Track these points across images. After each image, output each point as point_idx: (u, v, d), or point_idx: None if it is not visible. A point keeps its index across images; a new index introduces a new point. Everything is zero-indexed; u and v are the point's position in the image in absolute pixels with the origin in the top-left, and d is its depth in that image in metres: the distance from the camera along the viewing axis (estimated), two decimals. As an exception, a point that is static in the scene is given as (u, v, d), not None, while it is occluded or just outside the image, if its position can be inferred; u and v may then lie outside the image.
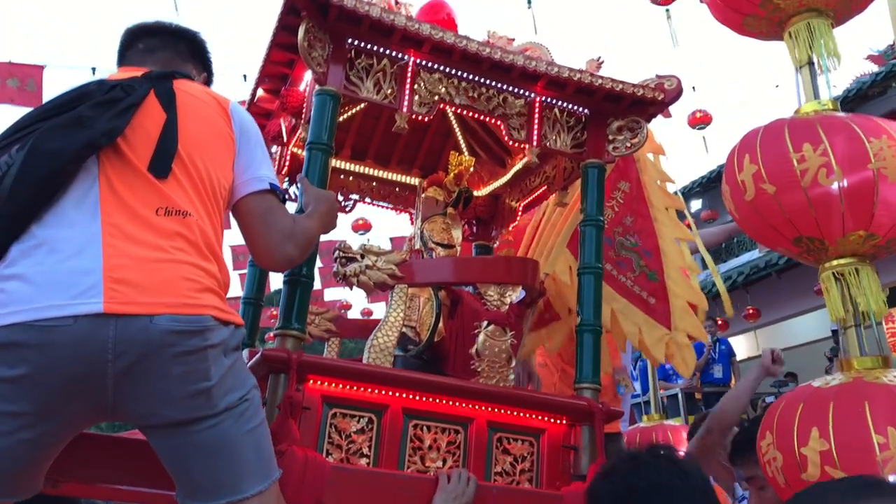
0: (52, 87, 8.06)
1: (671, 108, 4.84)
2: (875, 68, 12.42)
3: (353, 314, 13.83)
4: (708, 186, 14.32)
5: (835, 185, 2.53)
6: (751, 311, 11.27)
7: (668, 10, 7.70)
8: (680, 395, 7.97)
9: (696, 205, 15.40)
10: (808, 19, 2.81)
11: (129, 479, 2.03)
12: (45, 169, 1.58)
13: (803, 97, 2.86)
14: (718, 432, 3.06)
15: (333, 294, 14.99)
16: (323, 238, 2.32)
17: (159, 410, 1.57)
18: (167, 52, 2.02)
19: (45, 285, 1.50)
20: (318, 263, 6.54)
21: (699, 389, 8.07)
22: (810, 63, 2.83)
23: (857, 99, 11.16)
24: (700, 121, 9.98)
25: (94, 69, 8.49)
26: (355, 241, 2.55)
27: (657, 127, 3.91)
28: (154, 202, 1.63)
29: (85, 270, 1.51)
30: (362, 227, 12.53)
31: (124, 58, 2.02)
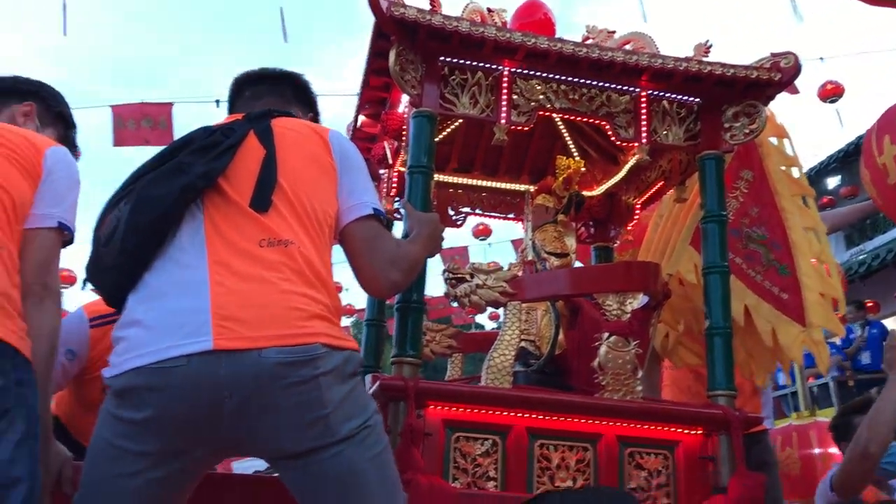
0: (182, 123, 8.51)
1: (798, 84, 4.53)
2: None
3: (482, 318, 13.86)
4: (845, 161, 13.41)
5: None
6: (904, 291, 10.42)
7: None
8: (831, 384, 7.26)
9: (833, 181, 14.50)
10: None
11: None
12: (149, 216, 1.64)
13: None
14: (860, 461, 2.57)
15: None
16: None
17: (279, 443, 1.58)
18: (272, 98, 2.04)
19: (159, 328, 1.55)
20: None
21: (852, 377, 7.47)
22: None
23: None
24: (831, 93, 9.30)
25: (217, 101, 8.85)
26: (476, 248, 2.50)
27: (783, 105, 3.68)
28: (256, 235, 1.64)
29: (194, 310, 1.54)
30: (482, 232, 12.47)
31: (233, 106, 2.07)
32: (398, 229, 3.03)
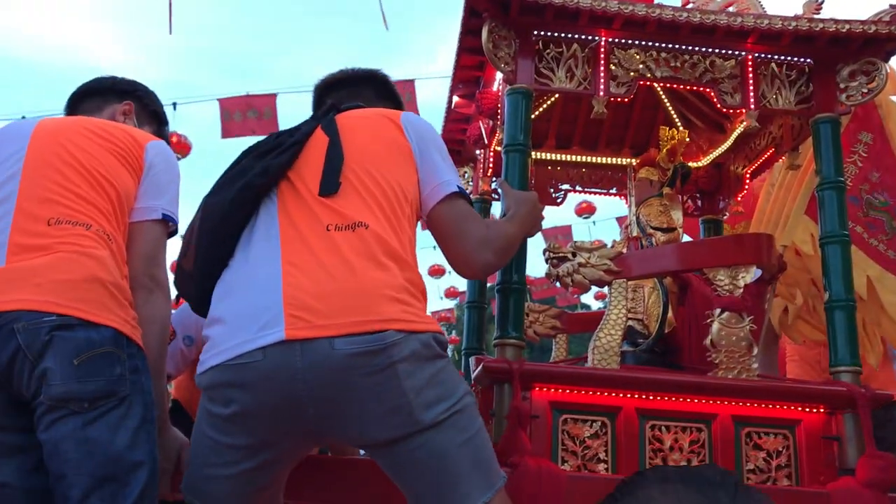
0: (286, 113, 8.73)
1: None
2: None
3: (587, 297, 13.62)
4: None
5: None
6: None
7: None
8: None
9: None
10: None
11: (363, 499, 2.05)
12: (211, 223, 1.70)
13: None
14: None
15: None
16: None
17: (364, 432, 1.57)
18: (355, 103, 2.00)
19: (236, 324, 1.57)
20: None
21: None
22: None
23: None
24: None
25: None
26: (580, 227, 2.45)
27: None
28: (325, 220, 1.63)
29: (268, 303, 1.55)
30: (586, 209, 12.27)
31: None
32: (496, 209, 3.01)
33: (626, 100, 2.47)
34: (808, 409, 2.27)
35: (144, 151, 1.82)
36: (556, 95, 2.99)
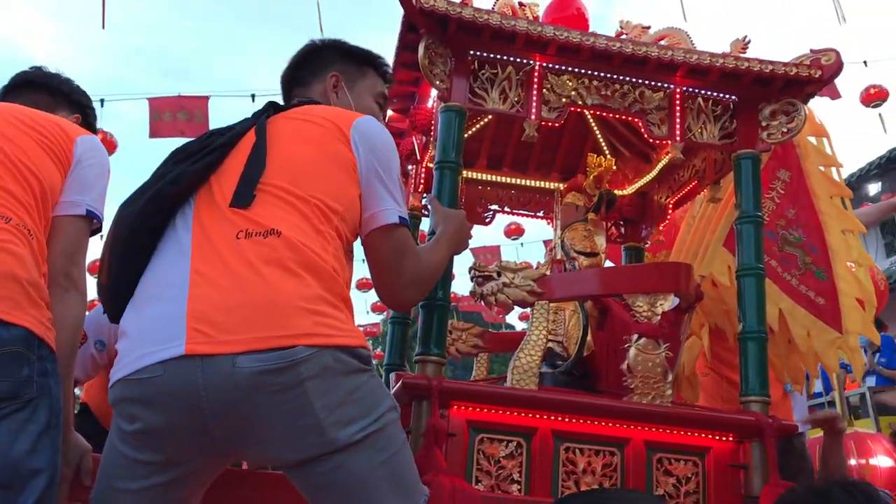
0: (218, 117, 8.57)
1: (841, 88, 4.41)
2: None
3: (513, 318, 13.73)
4: (887, 168, 13.11)
5: None
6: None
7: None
8: (867, 395, 6.84)
9: (874, 188, 14.22)
10: None
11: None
12: (121, 235, 1.63)
13: None
14: None
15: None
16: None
17: (275, 452, 1.50)
18: (316, 77, 1.94)
19: (139, 338, 1.51)
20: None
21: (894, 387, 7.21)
22: None
23: None
24: (875, 97, 9.03)
25: (253, 96, 8.87)
26: (508, 248, 2.46)
27: (825, 109, 3.58)
28: (236, 227, 1.55)
29: (171, 316, 1.47)
30: (514, 231, 12.39)
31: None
32: (425, 225, 3.00)
33: (557, 125, 2.50)
34: (718, 437, 2.32)
35: (74, 145, 1.74)
36: (490, 116, 3.02)
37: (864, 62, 9.32)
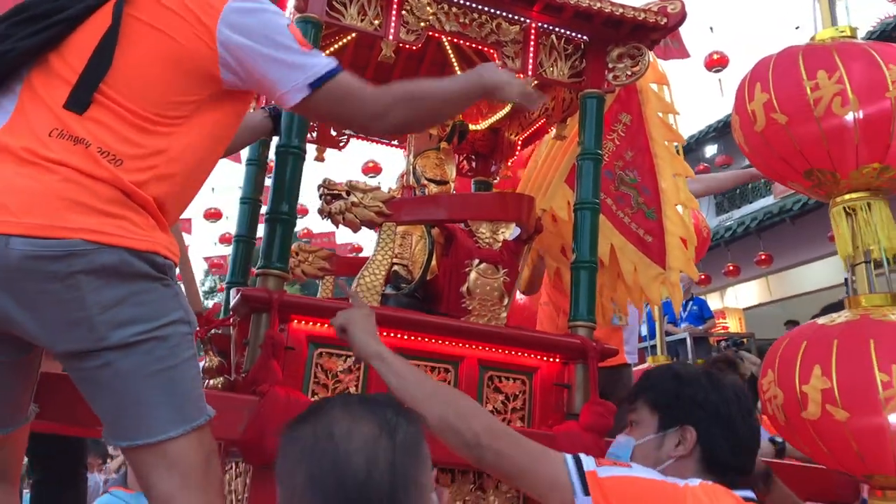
0: None
1: (690, 49, 4.65)
2: (900, 11, 11.91)
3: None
4: (723, 131, 13.96)
5: (850, 115, 2.41)
6: (763, 257, 11.10)
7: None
8: (688, 339, 7.87)
9: (711, 150, 15.16)
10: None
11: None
12: None
13: (820, 25, 2.71)
14: None
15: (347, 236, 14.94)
16: None
17: (48, 341, 1.48)
18: None
19: None
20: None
21: (711, 334, 7.93)
22: (828, -11, 2.67)
23: (881, 41, 10.71)
24: (717, 63, 9.62)
25: None
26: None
27: (672, 69, 3.77)
28: (53, 123, 1.49)
29: None
30: (372, 170, 12.34)
31: None
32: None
33: (416, 47, 2.50)
34: (545, 358, 2.46)
35: None
36: (349, 38, 2.97)
37: (711, 28, 9.85)
